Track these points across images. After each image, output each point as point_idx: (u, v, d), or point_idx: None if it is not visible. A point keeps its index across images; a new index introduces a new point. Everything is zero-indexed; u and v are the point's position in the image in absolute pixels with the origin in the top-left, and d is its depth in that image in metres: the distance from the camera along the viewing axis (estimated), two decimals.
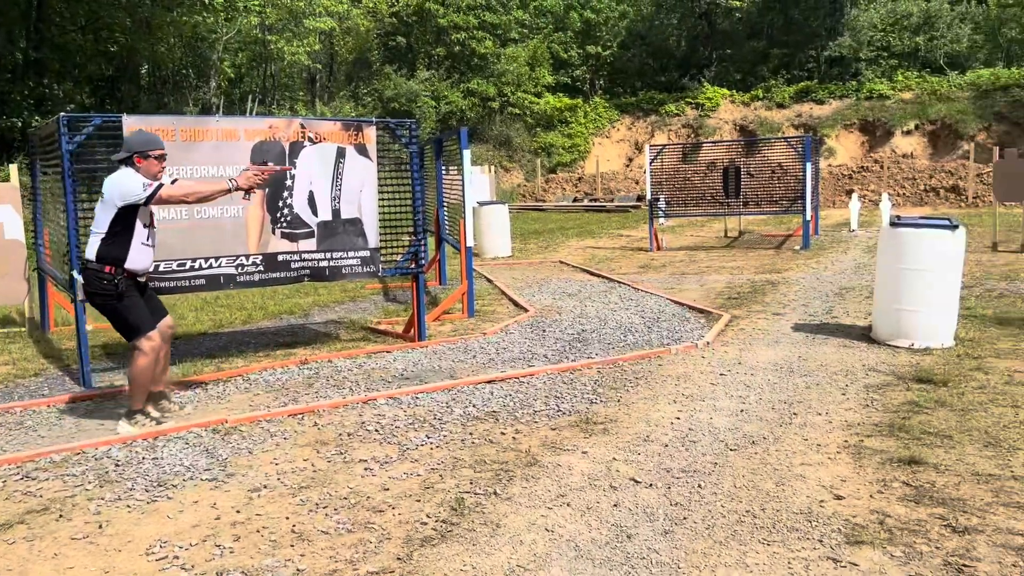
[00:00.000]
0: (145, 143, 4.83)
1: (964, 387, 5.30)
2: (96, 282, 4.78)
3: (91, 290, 4.82)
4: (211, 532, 3.48)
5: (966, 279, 9.56)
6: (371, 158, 6.76)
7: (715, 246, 15.66)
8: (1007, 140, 29.48)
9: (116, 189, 4.72)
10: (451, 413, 5.10)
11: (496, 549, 3.24)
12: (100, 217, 4.79)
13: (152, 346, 4.89)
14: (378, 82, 35.31)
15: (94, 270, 4.78)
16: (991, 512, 3.43)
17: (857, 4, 38.59)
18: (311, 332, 7.97)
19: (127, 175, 4.75)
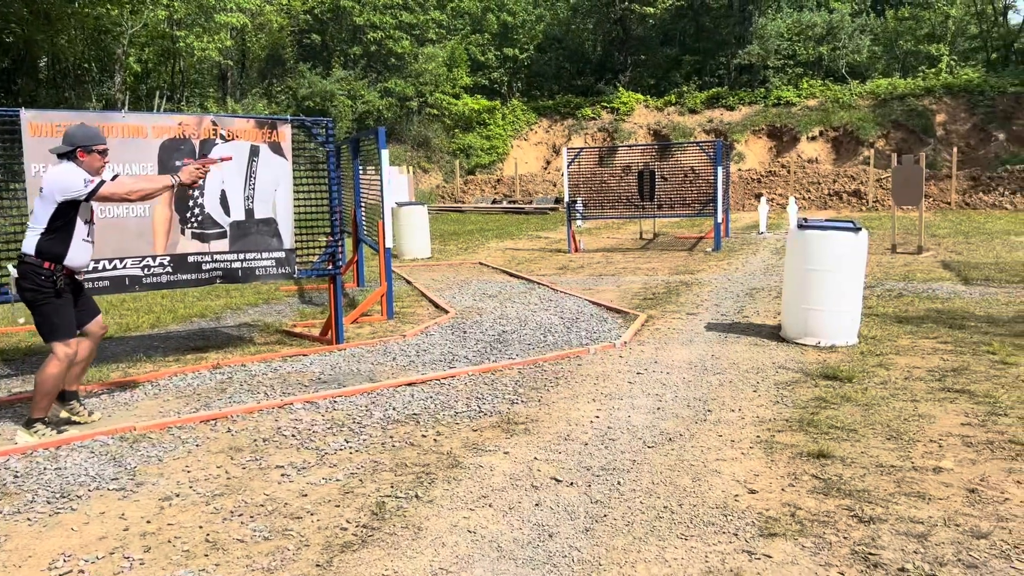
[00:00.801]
0: (88, 137, 4.70)
1: (867, 383, 5.54)
2: (33, 277, 4.62)
3: (27, 285, 4.64)
4: (119, 544, 3.34)
5: (868, 280, 10.00)
6: (286, 157, 6.62)
7: (631, 248, 15.94)
8: (904, 147, 31.02)
9: (56, 184, 4.58)
10: (371, 417, 5.03)
11: (418, 552, 3.21)
12: (39, 212, 4.63)
13: (68, 353, 4.71)
14: (292, 80, 34.63)
15: (32, 265, 4.61)
16: (894, 502, 3.59)
17: (765, 14, 39.95)
18: (223, 336, 7.74)
19: (68, 170, 4.62)
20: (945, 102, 33.25)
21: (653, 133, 37.33)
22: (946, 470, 3.94)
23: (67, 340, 4.71)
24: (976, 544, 3.17)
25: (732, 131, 35.46)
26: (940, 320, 7.63)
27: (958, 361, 6.06)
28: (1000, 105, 32.10)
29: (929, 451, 4.20)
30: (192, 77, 33.21)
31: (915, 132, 32.64)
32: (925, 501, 3.58)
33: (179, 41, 28.54)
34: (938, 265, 11.80)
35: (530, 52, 42.98)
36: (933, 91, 33.70)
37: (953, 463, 4.03)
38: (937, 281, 10.17)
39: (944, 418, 4.73)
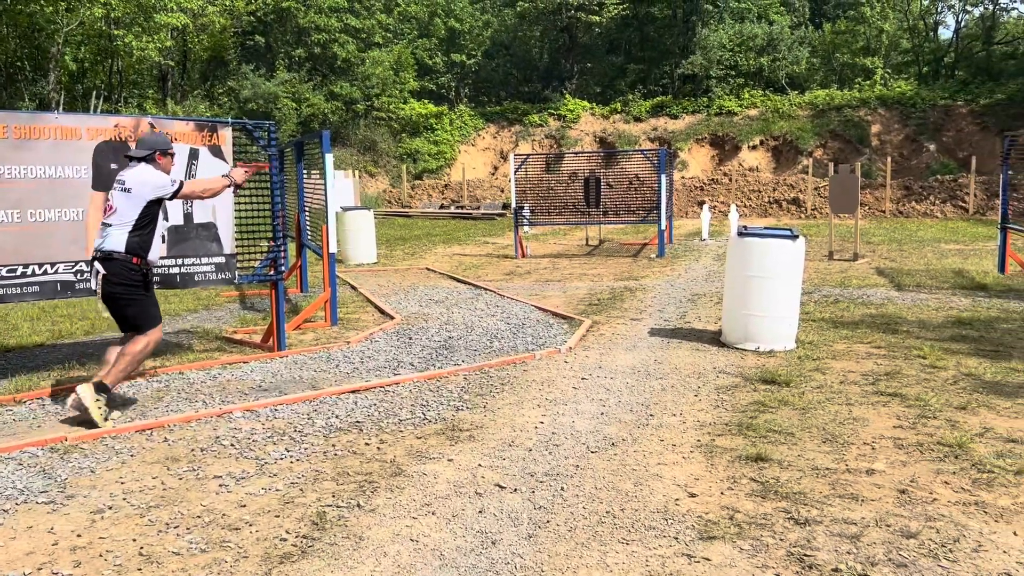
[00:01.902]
0: (164, 142, 5.21)
1: (804, 387, 5.67)
2: (124, 272, 4.96)
3: (117, 280, 4.95)
4: (48, 559, 3.23)
5: (805, 286, 10.24)
6: (227, 160, 6.50)
7: (577, 254, 16.06)
8: (841, 156, 31.88)
9: (147, 183, 4.98)
10: (312, 425, 4.96)
11: (359, 562, 3.17)
12: (125, 210, 4.96)
13: (157, 339, 5.15)
14: (235, 82, 34.07)
15: (122, 261, 4.93)
16: (828, 504, 3.67)
17: (707, 25, 40.69)
18: (160, 343, 7.55)
19: (152, 171, 5.06)
20: (880, 113, 34.30)
21: (599, 140, 37.70)
22: (878, 472, 4.05)
23: (159, 327, 5.15)
24: (906, 544, 3.27)
25: (676, 139, 36.01)
26: (874, 325, 7.85)
27: (891, 365, 6.25)
28: (931, 117, 33.24)
29: (862, 453, 4.32)
30: (131, 78, 32.44)
31: (851, 142, 33.60)
32: (858, 502, 3.68)
33: (117, 40, 27.84)
34: (873, 272, 12.14)
35: (477, 58, 43.05)
36: (868, 103, 34.74)
37: (885, 465, 4.14)
38: (872, 287, 10.46)
39: (877, 421, 4.87)
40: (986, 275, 11.36)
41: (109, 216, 5.02)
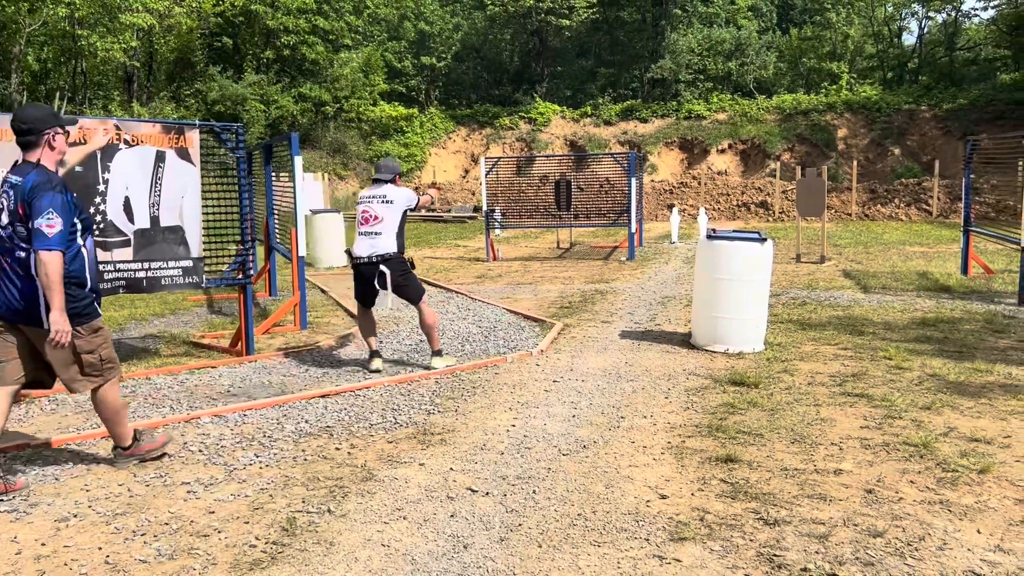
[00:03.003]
0: (399, 168, 6.60)
1: (773, 388, 5.73)
2: (399, 265, 6.33)
3: (398, 272, 6.31)
4: (11, 569, 3.17)
5: (773, 288, 10.36)
6: (194, 163, 6.43)
7: (548, 257, 16.10)
8: (808, 160, 32.31)
9: (407, 198, 6.43)
10: (282, 430, 4.92)
11: (330, 568, 3.15)
12: (392, 219, 6.33)
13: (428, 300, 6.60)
14: (202, 84, 33.69)
15: (399, 258, 6.34)
16: (797, 504, 3.71)
17: (676, 29, 41.04)
18: (127, 348, 7.45)
19: (402, 188, 6.47)
20: (846, 117, 34.81)
21: (569, 144, 37.84)
22: (846, 472, 4.10)
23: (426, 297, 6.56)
24: (873, 543, 3.31)
25: (645, 143, 36.25)
26: (841, 327, 7.96)
27: (857, 366, 6.33)
28: (896, 121, 33.80)
29: (830, 454, 4.37)
30: (95, 79, 31.92)
31: (818, 146, 34.05)
32: (826, 502, 3.72)
33: (81, 40, 27.40)
34: (839, 274, 12.31)
35: (448, 61, 43.01)
36: (835, 107, 35.23)
37: (852, 465, 4.20)
38: (838, 289, 10.61)
39: (844, 421, 4.93)
40: (949, 277, 11.58)
41: (376, 224, 6.30)
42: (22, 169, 3.99)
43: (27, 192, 3.87)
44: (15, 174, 3.99)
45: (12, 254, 3.94)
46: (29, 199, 3.85)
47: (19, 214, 3.89)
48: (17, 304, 3.93)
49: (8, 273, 3.95)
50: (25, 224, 3.88)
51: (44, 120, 4.01)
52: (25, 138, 3.99)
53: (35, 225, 3.79)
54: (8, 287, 3.94)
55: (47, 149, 4.03)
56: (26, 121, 3.98)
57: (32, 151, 4.02)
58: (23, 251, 3.90)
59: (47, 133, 4.01)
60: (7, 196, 3.96)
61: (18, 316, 3.96)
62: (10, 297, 3.94)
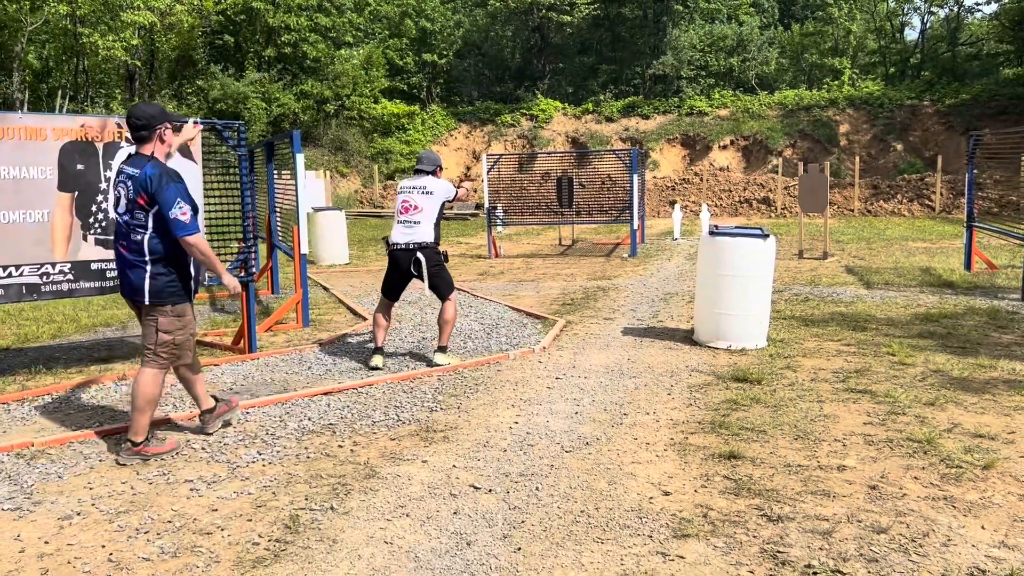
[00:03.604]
0: (439, 160, 6.66)
1: (776, 385, 5.72)
2: (434, 255, 6.42)
3: (433, 262, 6.39)
4: (14, 567, 3.17)
5: (776, 284, 10.34)
6: (195, 161, 6.42)
7: (550, 254, 16.08)
8: (810, 156, 32.24)
9: (446, 190, 6.53)
10: (285, 428, 4.92)
11: (333, 566, 3.15)
12: (432, 211, 6.43)
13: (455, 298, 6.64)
14: (204, 82, 33.67)
15: (434, 248, 6.43)
16: (801, 500, 3.71)
17: (678, 25, 40.96)
18: (129, 345, 7.45)
19: (442, 180, 6.58)
20: (848, 113, 34.73)
21: (571, 140, 37.79)
22: (849, 468, 4.10)
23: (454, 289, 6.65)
24: (877, 539, 3.31)
25: (647, 139, 36.20)
26: (844, 323, 7.94)
27: (860, 362, 6.32)
28: (898, 117, 33.73)
29: (834, 450, 4.36)
30: (97, 77, 31.94)
31: (820, 142, 33.98)
32: (830, 499, 3.71)
33: (83, 39, 27.39)
34: (842, 270, 12.29)
35: (449, 58, 42.93)
36: (837, 103, 35.16)
37: (856, 461, 4.19)
38: (841, 285, 10.59)
39: (848, 418, 4.92)
40: (952, 272, 11.55)
41: (415, 214, 6.39)
42: (137, 162, 4.33)
43: (146, 183, 4.22)
44: (130, 166, 4.34)
45: (128, 238, 4.33)
46: (153, 190, 4.22)
47: (138, 202, 4.27)
48: (131, 282, 4.35)
49: (125, 257, 4.36)
50: (144, 211, 4.27)
51: (156, 117, 4.38)
52: (139, 133, 4.35)
53: (170, 215, 4.22)
54: (125, 269, 4.38)
55: (158, 143, 4.41)
56: (141, 118, 4.33)
57: (146, 145, 4.38)
58: (139, 235, 4.30)
59: (159, 128, 4.38)
60: (124, 186, 4.32)
61: (132, 292, 4.39)
62: (127, 275, 4.37)
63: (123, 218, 4.35)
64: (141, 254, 4.31)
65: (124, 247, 4.37)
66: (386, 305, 6.65)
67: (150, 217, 4.27)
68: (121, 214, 4.36)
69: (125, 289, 4.46)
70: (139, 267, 4.32)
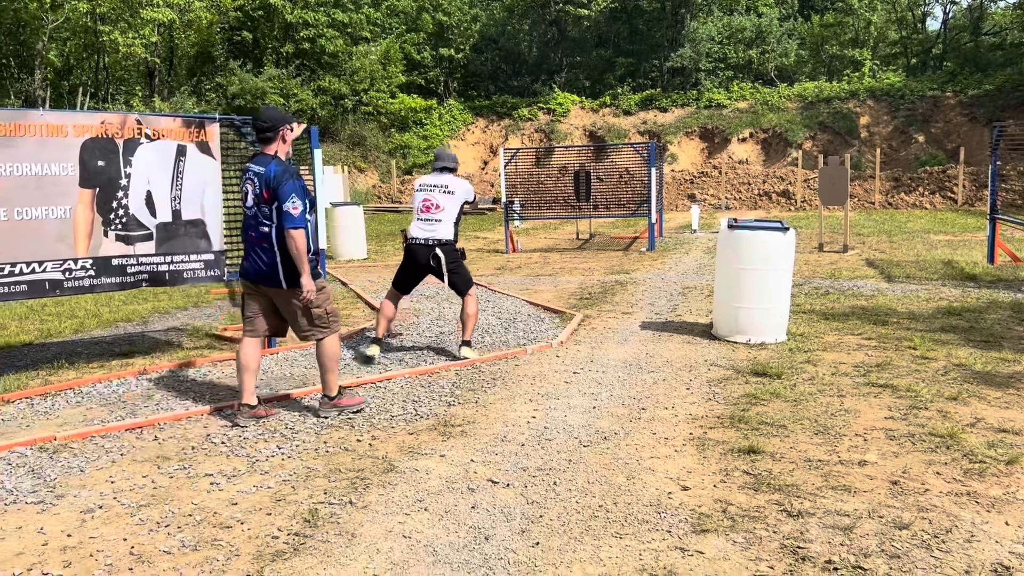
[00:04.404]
0: (456, 158, 6.72)
1: (796, 379, 5.68)
2: (454, 253, 6.47)
3: (451, 259, 6.43)
4: (38, 560, 3.21)
5: (796, 278, 10.27)
6: (215, 157, 6.46)
7: (568, 248, 16.05)
8: (830, 148, 31.95)
9: (467, 191, 6.58)
10: (304, 422, 4.94)
11: (352, 559, 3.16)
12: (452, 209, 6.46)
13: (475, 293, 6.71)
14: (222, 78, 33.85)
15: (452, 244, 6.48)
16: (821, 495, 3.68)
17: (696, 17, 40.68)
18: (151, 340, 7.52)
19: (462, 180, 6.62)
20: (868, 105, 34.39)
21: (589, 134, 37.67)
22: (870, 463, 4.06)
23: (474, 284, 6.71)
24: (899, 535, 3.27)
25: (665, 132, 36.01)
26: (865, 317, 7.87)
27: (881, 356, 6.26)
28: (920, 108, 33.35)
29: (855, 445, 4.32)
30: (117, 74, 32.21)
31: (840, 134, 33.67)
32: (851, 494, 3.68)
33: (103, 36, 27.61)
34: (863, 263, 12.18)
35: (466, 52, 42.88)
36: (857, 94, 34.81)
37: (877, 456, 4.15)
38: (862, 279, 10.49)
39: (868, 412, 4.88)
40: (975, 266, 11.42)
41: (437, 213, 6.42)
42: (262, 160, 4.76)
43: (271, 179, 4.64)
44: (257, 164, 4.76)
45: (256, 229, 4.76)
46: (274, 186, 4.63)
47: (264, 197, 4.69)
48: (263, 269, 4.76)
49: (253, 246, 4.78)
50: (269, 205, 4.67)
51: (280, 119, 4.82)
52: (265, 134, 4.78)
53: (283, 208, 4.61)
54: (254, 257, 4.78)
55: (281, 143, 4.82)
56: (267, 120, 4.77)
57: (270, 145, 4.79)
58: (266, 227, 4.72)
59: (282, 129, 4.79)
60: (252, 183, 4.75)
61: (262, 279, 4.80)
62: (258, 264, 4.77)
63: (251, 212, 4.75)
64: (270, 245, 4.71)
65: (254, 239, 4.77)
66: (395, 296, 6.71)
67: (274, 211, 4.67)
68: (249, 208, 4.76)
69: (252, 276, 4.84)
70: (268, 255, 4.72)
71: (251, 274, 4.85)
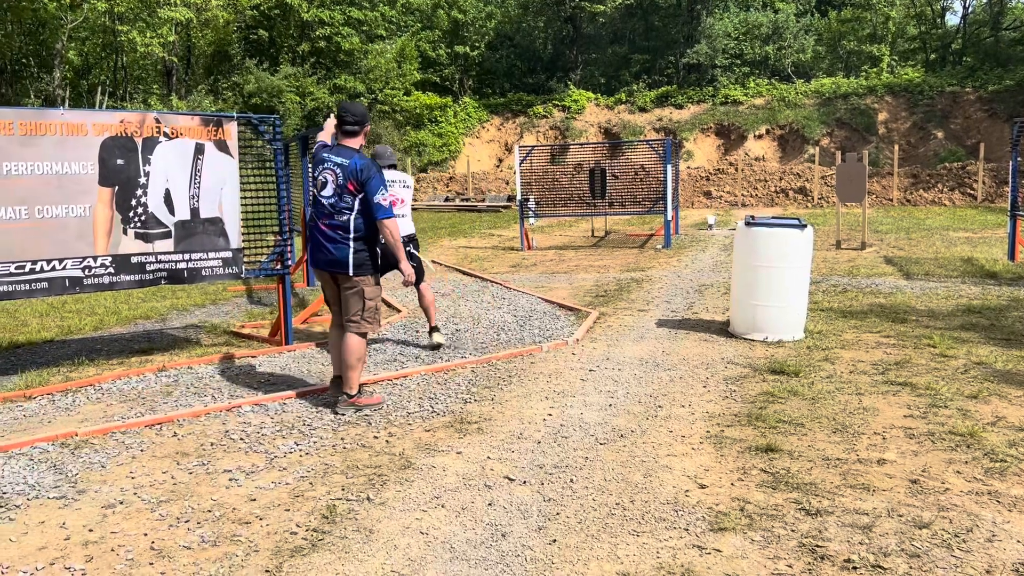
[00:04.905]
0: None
1: (814, 377, 5.64)
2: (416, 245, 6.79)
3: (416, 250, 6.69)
4: (60, 554, 3.24)
5: (813, 275, 10.20)
6: (232, 155, 6.50)
7: (583, 245, 16.03)
8: (847, 145, 31.73)
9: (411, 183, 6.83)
10: (321, 419, 4.97)
11: (369, 556, 3.17)
12: (409, 203, 6.70)
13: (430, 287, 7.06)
14: (239, 76, 34.04)
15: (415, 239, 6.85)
16: (840, 494, 3.66)
17: (712, 13, 40.48)
18: (169, 337, 7.58)
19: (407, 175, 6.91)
20: (887, 101, 34.11)
21: (604, 131, 37.59)
22: (889, 462, 4.03)
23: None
24: (919, 534, 3.25)
25: (681, 129, 35.88)
26: (883, 314, 7.81)
27: (900, 354, 6.22)
28: (939, 104, 33.05)
29: (873, 443, 4.30)
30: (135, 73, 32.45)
31: (858, 130, 33.42)
32: (870, 493, 3.66)
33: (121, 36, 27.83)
34: (881, 261, 12.09)
35: (481, 50, 42.90)
36: (875, 90, 34.54)
37: (896, 455, 4.12)
38: (880, 276, 10.42)
39: (887, 411, 4.84)
40: (996, 263, 11.30)
41: (401, 207, 6.46)
42: (345, 152, 5.02)
43: (359, 172, 4.90)
44: (338, 156, 5.01)
45: (332, 218, 4.96)
46: (363, 179, 4.89)
47: (348, 188, 4.92)
48: (334, 256, 4.95)
49: (327, 233, 4.96)
50: (352, 196, 4.92)
51: (365, 116, 5.18)
52: (352, 128, 5.09)
53: (375, 200, 4.89)
54: (326, 244, 4.97)
55: (362, 138, 5.15)
56: (356, 114, 5.11)
57: (353, 139, 5.10)
58: (344, 216, 4.94)
59: (366, 126, 5.16)
60: (333, 173, 4.97)
61: (332, 265, 4.99)
62: (329, 251, 4.97)
63: (329, 200, 4.95)
64: (347, 232, 4.93)
65: (328, 226, 4.96)
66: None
67: (356, 201, 4.91)
68: (327, 197, 4.95)
69: (322, 263, 5.04)
70: (343, 243, 4.94)
71: (322, 262, 5.05)
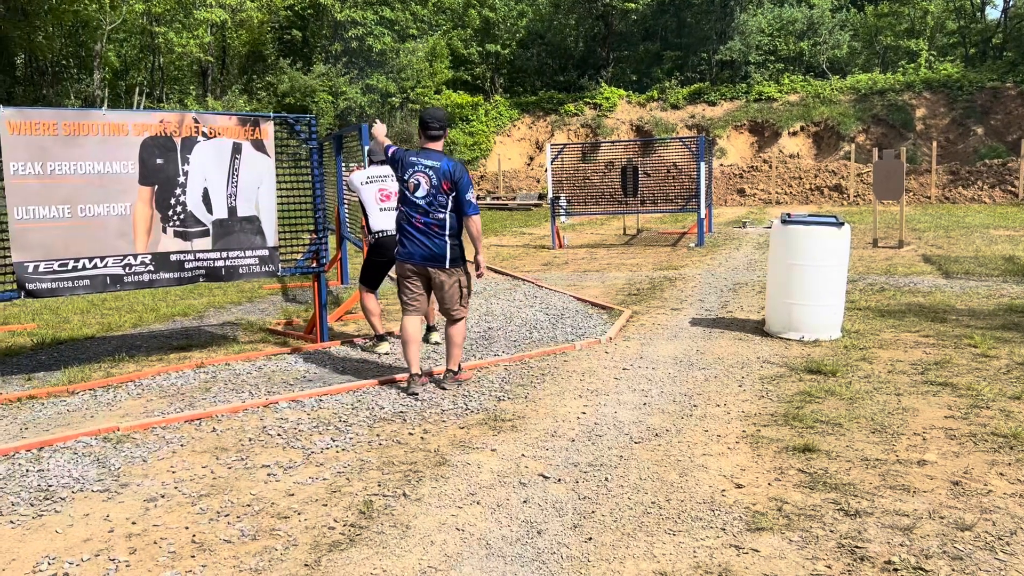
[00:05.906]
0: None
1: (851, 377, 5.58)
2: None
3: None
4: (104, 546, 3.31)
5: (850, 274, 10.08)
6: (269, 154, 6.57)
7: (615, 243, 15.97)
8: (884, 141, 31.26)
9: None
10: (357, 415, 5.01)
11: (406, 551, 3.20)
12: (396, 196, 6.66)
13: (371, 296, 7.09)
14: (273, 76, 34.40)
15: None
16: (879, 495, 3.61)
17: (746, 9, 40.09)
18: (207, 334, 7.69)
19: None
20: (925, 97, 33.55)
21: (635, 129, 37.42)
22: (930, 463, 3.97)
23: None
24: (961, 536, 3.20)
25: (714, 126, 35.60)
26: (922, 314, 7.69)
27: (940, 354, 6.12)
28: (978, 99, 32.43)
29: (913, 444, 4.24)
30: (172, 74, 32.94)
31: (895, 127, 32.91)
32: (910, 494, 3.61)
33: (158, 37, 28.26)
34: (919, 259, 11.90)
35: (512, 48, 42.91)
36: (913, 86, 33.99)
37: (937, 456, 4.06)
38: (918, 275, 10.26)
39: (927, 411, 4.77)
40: None
41: (389, 202, 6.60)
42: (433, 155, 5.36)
43: (452, 173, 5.28)
44: (427, 159, 5.35)
45: (429, 216, 5.32)
46: (456, 179, 5.28)
47: (442, 188, 5.28)
48: (432, 251, 5.33)
49: (423, 230, 5.33)
50: (446, 195, 5.28)
51: (447, 120, 5.53)
52: (436, 132, 5.42)
53: (466, 198, 5.30)
54: (422, 240, 5.33)
55: (443, 141, 5.50)
56: (440, 119, 5.45)
57: (437, 142, 5.43)
58: (441, 214, 5.31)
59: (448, 129, 5.35)
60: (425, 175, 5.31)
61: (429, 260, 5.36)
62: (426, 246, 5.34)
63: (423, 200, 5.29)
64: (442, 229, 5.31)
65: (423, 223, 5.31)
66: (371, 294, 6.88)
67: (449, 200, 5.28)
68: (422, 197, 5.29)
69: (417, 256, 5.37)
70: (440, 239, 5.32)
71: (416, 256, 5.36)
